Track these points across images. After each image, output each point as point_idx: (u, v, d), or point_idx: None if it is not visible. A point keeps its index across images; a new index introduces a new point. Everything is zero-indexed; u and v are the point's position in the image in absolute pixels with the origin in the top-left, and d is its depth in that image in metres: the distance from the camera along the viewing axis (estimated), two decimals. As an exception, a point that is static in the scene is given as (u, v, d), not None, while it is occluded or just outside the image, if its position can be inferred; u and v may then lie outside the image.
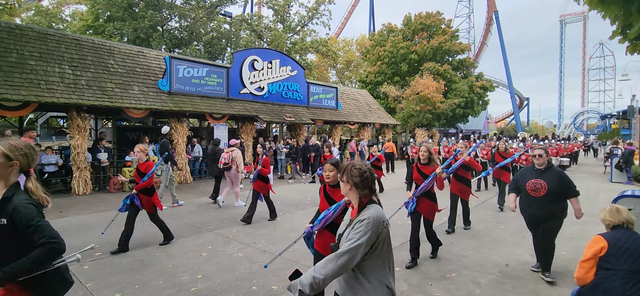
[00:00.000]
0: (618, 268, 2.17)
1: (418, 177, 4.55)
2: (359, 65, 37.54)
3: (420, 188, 4.43)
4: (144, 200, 5.25)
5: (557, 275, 4.25)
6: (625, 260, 2.17)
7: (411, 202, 4.50)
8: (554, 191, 3.92)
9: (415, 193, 4.46)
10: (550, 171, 4.04)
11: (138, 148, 5.41)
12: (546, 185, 3.94)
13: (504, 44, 46.63)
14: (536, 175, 4.05)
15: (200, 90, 12.60)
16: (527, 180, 4.09)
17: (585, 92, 78.28)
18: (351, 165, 1.87)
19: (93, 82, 10.18)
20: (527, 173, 4.19)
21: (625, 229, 2.35)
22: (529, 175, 4.13)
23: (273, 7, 25.93)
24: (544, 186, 3.95)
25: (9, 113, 9.05)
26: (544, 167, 4.06)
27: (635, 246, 2.19)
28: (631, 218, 2.40)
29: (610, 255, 2.21)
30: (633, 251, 2.18)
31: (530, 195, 4.04)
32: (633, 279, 2.13)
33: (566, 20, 77.63)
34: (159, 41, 20.19)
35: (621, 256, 2.18)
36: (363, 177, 1.82)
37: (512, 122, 58.13)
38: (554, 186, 3.92)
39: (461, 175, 5.97)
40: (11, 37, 9.32)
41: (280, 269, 4.42)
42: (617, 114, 37.52)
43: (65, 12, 24.94)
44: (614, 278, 2.17)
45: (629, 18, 2.42)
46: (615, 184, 12.28)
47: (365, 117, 20.27)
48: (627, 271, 2.14)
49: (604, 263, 2.22)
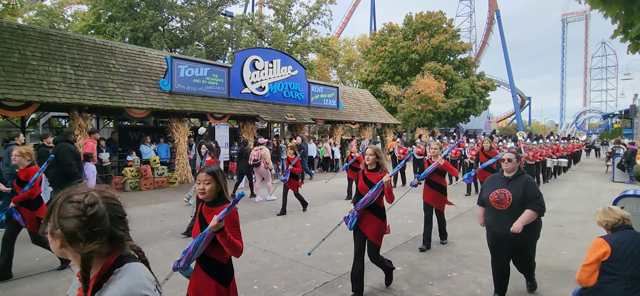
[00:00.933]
0: (621, 273, 2.14)
1: (363, 186, 3.58)
2: (360, 64, 37.53)
3: (363, 201, 3.49)
4: (26, 215, 4.16)
5: (559, 274, 4.25)
6: (629, 265, 2.14)
7: (351, 216, 3.56)
8: (520, 203, 3.26)
9: (357, 207, 3.51)
10: (518, 179, 3.38)
11: (16, 152, 4.18)
12: (511, 196, 3.28)
13: (505, 43, 46.57)
14: (502, 184, 3.43)
15: (201, 90, 12.61)
16: (492, 190, 3.44)
17: (587, 91, 78.05)
18: (65, 199, 1.01)
19: (94, 82, 10.20)
20: (494, 181, 3.54)
21: (626, 229, 2.34)
22: (495, 183, 3.50)
23: (274, 7, 25.93)
24: (508, 197, 3.29)
25: (11, 113, 9.09)
26: (512, 175, 3.42)
27: (639, 251, 2.17)
28: (626, 214, 2.40)
29: (614, 260, 2.17)
30: (637, 256, 2.15)
31: (493, 208, 3.40)
32: (636, 285, 2.11)
33: (568, 19, 77.38)
34: (160, 41, 20.23)
35: (625, 262, 2.15)
36: (84, 221, 0.97)
37: (513, 121, 58.00)
38: (519, 197, 3.26)
39: (435, 181, 5.16)
40: (13, 38, 9.35)
41: (281, 269, 4.43)
42: (619, 113, 37.37)
43: (67, 13, 25.02)
44: (617, 283, 2.14)
45: (631, 17, 2.42)
46: (617, 184, 12.25)
47: (366, 116, 20.26)
48: (631, 277, 2.12)
49: (607, 268, 2.19)
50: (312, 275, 4.24)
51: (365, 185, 3.55)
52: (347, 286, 3.89)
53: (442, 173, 5.21)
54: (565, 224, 6.62)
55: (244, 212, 7.71)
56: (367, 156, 3.65)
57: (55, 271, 4.29)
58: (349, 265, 4.53)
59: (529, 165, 10.24)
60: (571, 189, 11.21)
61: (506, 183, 3.40)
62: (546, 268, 4.44)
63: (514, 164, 3.41)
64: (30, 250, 5.15)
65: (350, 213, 3.58)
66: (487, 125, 45.71)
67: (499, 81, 50.30)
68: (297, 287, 3.91)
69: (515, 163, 3.41)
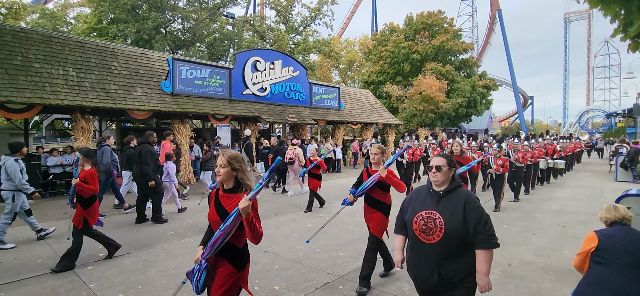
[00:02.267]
0: (609, 260, 2.27)
1: None
2: (361, 65, 37.54)
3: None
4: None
5: (560, 274, 4.23)
6: (620, 255, 2.24)
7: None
8: (458, 235, 2.14)
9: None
10: (453, 196, 2.25)
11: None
12: (442, 224, 2.16)
13: (507, 42, 46.50)
14: (431, 202, 2.29)
15: (202, 91, 12.65)
16: (416, 210, 2.32)
17: (590, 91, 77.71)
18: None
19: (97, 84, 10.26)
20: (419, 197, 2.40)
21: (621, 225, 2.41)
22: (420, 200, 2.37)
23: (275, 8, 25.99)
24: (439, 225, 2.17)
25: (14, 115, 9.14)
26: (443, 189, 2.29)
27: (628, 242, 2.26)
28: (628, 215, 2.46)
29: (601, 249, 2.31)
30: (627, 247, 2.25)
31: (417, 239, 2.26)
32: (624, 272, 2.19)
33: (570, 18, 77.07)
34: (162, 43, 20.31)
35: (615, 252, 2.26)
36: None
37: (516, 121, 57.86)
38: (456, 225, 2.13)
39: (376, 199, 3.90)
40: (16, 40, 9.41)
41: (282, 269, 4.44)
42: (622, 112, 37.22)
43: (69, 15, 25.15)
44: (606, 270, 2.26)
45: (630, 16, 2.41)
46: (620, 183, 12.19)
47: (367, 117, 20.24)
48: (620, 264, 2.22)
49: (595, 258, 2.34)
50: (314, 276, 4.24)
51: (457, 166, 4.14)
52: (348, 287, 3.90)
53: (386, 188, 3.91)
54: (567, 224, 6.59)
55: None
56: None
57: (56, 273, 4.31)
58: (351, 266, 4.53)
59: (518, 168, 8.97)
60: (574, 188, 11.16)
61: (436, 202, 2.27)
62: (547, 268, 4.43)
63: (445, 174, 2.30)
64: (32, 250, 5.18)
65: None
66: (489, 125, 45.61)
67: (501, 80, 50.20)
68: (299, 288, 3.92)
69: (447, 172, 2.30)
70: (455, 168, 2.40)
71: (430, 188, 2.36)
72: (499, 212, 7.65)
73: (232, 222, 2.17)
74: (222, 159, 2.34)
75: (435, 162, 2.35)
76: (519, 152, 9.11)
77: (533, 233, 6.01)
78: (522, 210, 7.91)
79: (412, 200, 2.44)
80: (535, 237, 5.80)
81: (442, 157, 2.37)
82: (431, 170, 2.34)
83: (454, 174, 2.36)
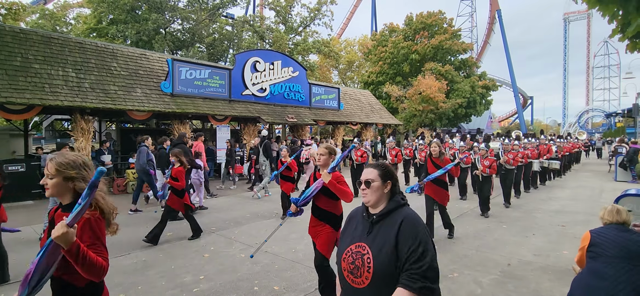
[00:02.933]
0: (602, 254, 2.47)
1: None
2: (361, 65, 37.56)
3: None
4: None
5: (559, 274, 4.24)
6: (610, 248, 2.44)
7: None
8: (386, 276, 1.50)
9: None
10: (389, 220, 1.60)
11: None
12: (371, 260, 1.53)
13: (507, 42, 46.50)
14: (362, 231, 1.67)
15: (202, 91, 12.66)
16: (346, 244, 1.69)
17: (589, 91, 77.76)
18: None
19: (96, 85, 10.26)
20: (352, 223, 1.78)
21: (616, 224, 2.56)
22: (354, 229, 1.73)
23: (275, 8, 25.99)
24: (367, 262, 1.54)
25: (14, 116, 9.15)
26: (377, 211, 1.66)
27: (618, 238, 2.46)
28: (629, 220, 2.58)
29: (594, 244, 2.53)
30: (616, 241, 2.45)
31: (347, 283, 1.63)
32: (613, 262, 2.39)
33: (570, 19, 77.13)
34: (161, 43, 20.31)
35: (606, 246, 2.46)
36: None
37: (516, 121, 57.89)
38: (383, 262, 1.50)
39: (323, 209, 3.44)
40: (16, 41, 9.42)
41: (282, 270, 4.44)
42: (622, 112, 37.24)
43: (69, 16, 25.14)
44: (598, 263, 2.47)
45: (628, 17, 2.42)
46: (619, 183, 12.20)
47: (367, 117, 20.26)
48: (611, 256, 2.41)
49: (590, 253, 2.56)
50: (313, 276, 4.24)
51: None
52: (348, 287, 3.89)
53: (335, 196, 3.30)
54: (567, 224, 6.60)
55: (245, 213, 7.75)
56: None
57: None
58: (350, 265, 4.53)
59: (509, 171, 8.36)
60: (573, 189, 11.17)
61: (368, 230, 1.63)
62: (547, 268, 4.43)
63: (376, 191, 1.66)
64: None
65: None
66: (489, 125, 45.62)
67: (501, 81, 50.20)
68: (298, 288, 3.92)
69: (380, 188, 1.66)
70: (394, 182, 1.71)
71: (364, 211, 1.72)
72: (488, 218, 7.09)
73: (46, 256, 1.52)
74: (50, 167, 1.69)
75: (364, 175, 1.71)
76: (509, 153, 8.43)
77: (532, 233, 6.02)
78: (521, 210, 7.91)
79: (345, 227, 1.80)
80: (535, 237, 5.81)
81: (374, 168, 1.72)
82: (360, 185, 1.72)
83: (394, 189, 1.69)
